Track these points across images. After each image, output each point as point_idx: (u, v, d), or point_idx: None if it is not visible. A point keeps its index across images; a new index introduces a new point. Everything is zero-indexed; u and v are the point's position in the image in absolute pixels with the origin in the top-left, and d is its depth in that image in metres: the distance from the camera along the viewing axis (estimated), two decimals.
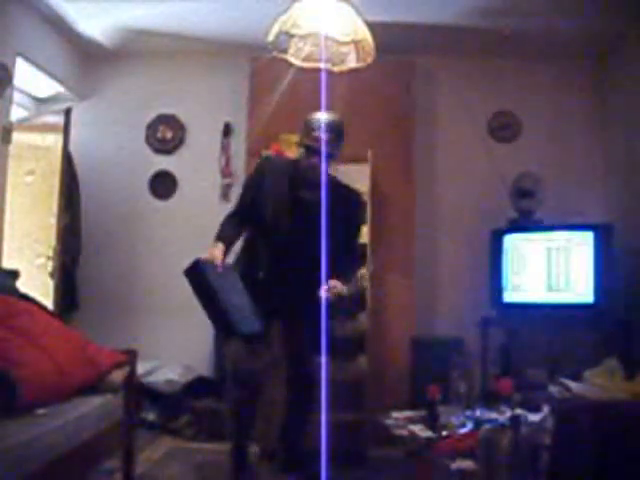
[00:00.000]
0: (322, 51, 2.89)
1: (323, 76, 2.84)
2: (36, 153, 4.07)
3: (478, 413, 2.75)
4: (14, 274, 3.26)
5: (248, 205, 2.90)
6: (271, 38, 2.87)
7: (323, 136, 2.72)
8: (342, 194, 2.85)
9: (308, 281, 2.68)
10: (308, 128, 2.77)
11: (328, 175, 2.79)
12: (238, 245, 2.95)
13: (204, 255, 2.67)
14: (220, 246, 2.73)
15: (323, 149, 2.72)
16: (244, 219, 2.90)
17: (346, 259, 2.84)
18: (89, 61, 4.69)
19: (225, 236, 2.80)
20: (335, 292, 2.66)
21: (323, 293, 2.64)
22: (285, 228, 2.79)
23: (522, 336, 4.04)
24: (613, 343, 3.58)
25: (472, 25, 4.09)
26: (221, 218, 2.91)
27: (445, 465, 2.35)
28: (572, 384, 2.77)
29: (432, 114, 4.56)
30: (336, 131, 2.76)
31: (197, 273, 2.61)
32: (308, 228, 2.66)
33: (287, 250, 2.79)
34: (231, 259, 2.91)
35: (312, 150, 2.74)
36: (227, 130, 4.61)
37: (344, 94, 3.74)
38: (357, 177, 3.79)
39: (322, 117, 2.77)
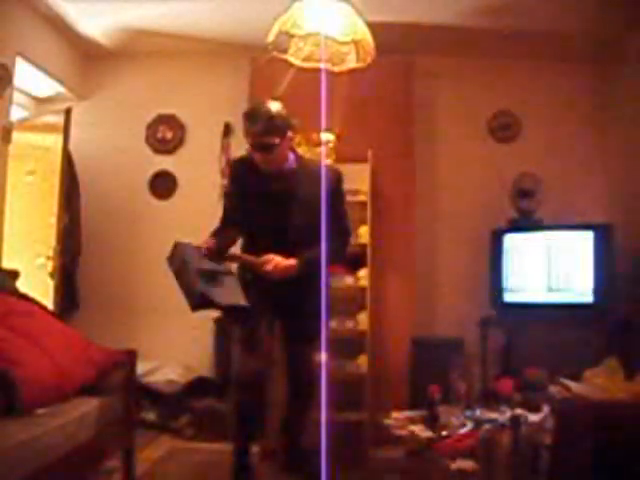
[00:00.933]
0: (322, 51, 2.89)
1: (323, 76, 2.83)
2: (36, 153, 4.07)
3: (478, 413, 2.75)
4: (14, 274, 3.26)
5: (229, 211, 2.92)
6: (271, 38, 2.87)
7: (253, 129, 2.66)
8: (310, 172, 2.80)
9: (306, 280, 2.68)
10: (243, 122, 2.73)
11: (294, 157, 2.80)
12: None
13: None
14: (210, 238, 2.75)
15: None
16: (229, 225, 2.88)
17: (318, 242, 2.69)
18: (89, 61, 4.69)
19: (215, 233, 2.81)
20: (267, 268, 2.65)
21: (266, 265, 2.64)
22: (267, 225, 2.78)
23: (522, 336, 4.03)
24: (613, 343, 3.58)
25: (472, 25, 4.09)
26: None
27: (445, 465, 2.35)
28: (572, 384, 2.77)
29: (432, 114, 4.56)
30: (264, 122, 2.65)
31: (174, 253, 2.68)
32: (288, 219, 2.69)
33: (272, 246, 2.75)
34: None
35: (250, 145, 2.72)
36: (227, 130, 4.61)
37: (344, 94, 3.74)
38: (357, 177, 3.80)
39: (252, 108, 2.73)
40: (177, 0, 3.86)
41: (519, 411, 2.54)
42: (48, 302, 3.55)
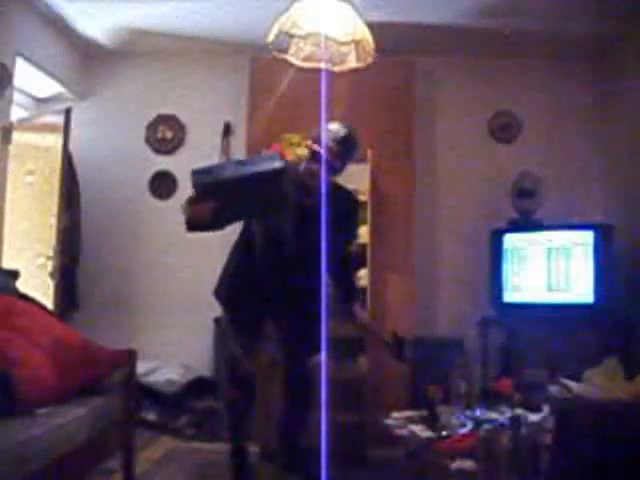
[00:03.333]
0: (322, 51, 2.89)
1: (323, 76, 2.83)
2: (36, 153, 4.06)
3: (478, 413, 2.75)
4: (14, 274, 3.26)
5: None
6: (271, 38, 2.87)
7: (335, 148, 2.72)
8: (339, 197, 2.81)
9: (307, 283, 2.67)
10: (321, 136, 2.74)
11: (328, 181, 2.78)
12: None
13: None
14: None
15: (323, 157, 2.70)
16: None
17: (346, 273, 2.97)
18: (89, 61, 4.69)
19: None
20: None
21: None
22: (288, 232, 2.77)
23: (522, 336, 4.03)
24: (613, 343, 3.58)
25: (472, 25, 4.09)
26: None
27: (445, 465, 2.35)
28: (572, 384, 2.77)
29: (432, 114, 4.56)
30: (347, 147, 2.76)
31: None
32: (308, 233, 2.64)
33: (289, 252, 2.77)
34: None
35: (318, 157, 2.72)
36: (227, 130, 4.60)
37: (344, 94, 3.74)
38: (357, 177, 3.80)
39: (339, 130, 2.76)
40: (177, 0, 3.86)
41: (519, 411, 2.54)
42: (48, 302, 3.55)
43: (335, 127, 2.77)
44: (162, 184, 4.64)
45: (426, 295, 4.33)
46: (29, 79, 4.18)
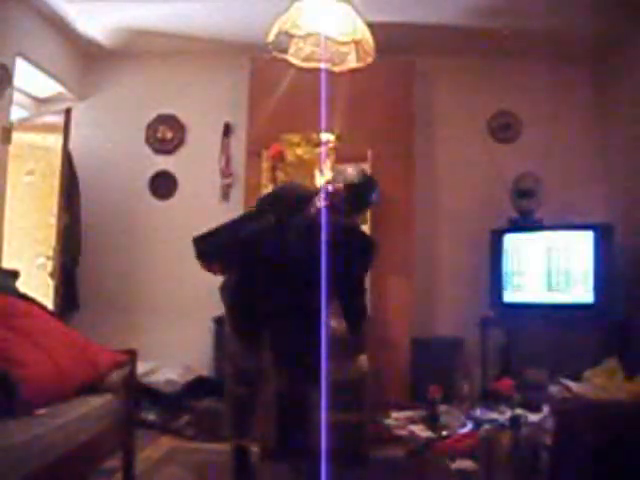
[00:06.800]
0: (322, 51, 2.89)
1: (323, 76, 2.84)
2: (36, 153, 4.06)
3: (478, 413, 2.75)
4: (14, 274, 3.26)
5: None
6: (271, 38, 2.87)
7: (343, 192, 2.63)
8: (354, 238, 2.77)
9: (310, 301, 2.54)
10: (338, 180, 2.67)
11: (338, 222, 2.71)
12: None
13: None
14: None
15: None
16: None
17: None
18: (89, 61, 4.69)
19: None
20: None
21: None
22: (297, 262, 2.66)
23: (522, 336, 4.04)
24: (613, 343, 3.58)
25: (472, 25, 4.09)
26: (221, 218, 2.88)
27: (445, 465, 2.36)
28: (572, 384, 2.77)
29: (432, 114, 4.56)
30: (357, 194, 2.65)
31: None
32: (314, 264, 2.43)
33: (294, 283, 2.67)
34: None
35: (328, 198, 2.65)
36: (227, 130, 4.61)
37: (344, 94, 3.74)
38: None
39: (353, 177, 2.65)
40: (177, 0, 3.86)
41: (519, 411, 2.54)
42: (48, 302, 3.55)
43: (350, 172, 2.67)
44: (162, 184, 4.65)
45: (426, 295, 4.34)
46: (29, 79, 4.17)
